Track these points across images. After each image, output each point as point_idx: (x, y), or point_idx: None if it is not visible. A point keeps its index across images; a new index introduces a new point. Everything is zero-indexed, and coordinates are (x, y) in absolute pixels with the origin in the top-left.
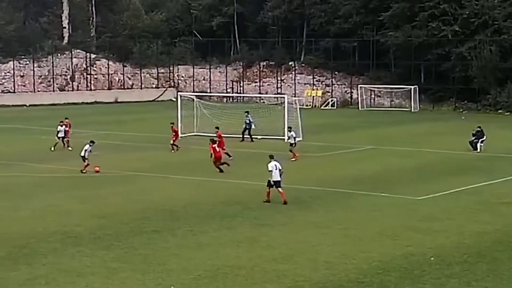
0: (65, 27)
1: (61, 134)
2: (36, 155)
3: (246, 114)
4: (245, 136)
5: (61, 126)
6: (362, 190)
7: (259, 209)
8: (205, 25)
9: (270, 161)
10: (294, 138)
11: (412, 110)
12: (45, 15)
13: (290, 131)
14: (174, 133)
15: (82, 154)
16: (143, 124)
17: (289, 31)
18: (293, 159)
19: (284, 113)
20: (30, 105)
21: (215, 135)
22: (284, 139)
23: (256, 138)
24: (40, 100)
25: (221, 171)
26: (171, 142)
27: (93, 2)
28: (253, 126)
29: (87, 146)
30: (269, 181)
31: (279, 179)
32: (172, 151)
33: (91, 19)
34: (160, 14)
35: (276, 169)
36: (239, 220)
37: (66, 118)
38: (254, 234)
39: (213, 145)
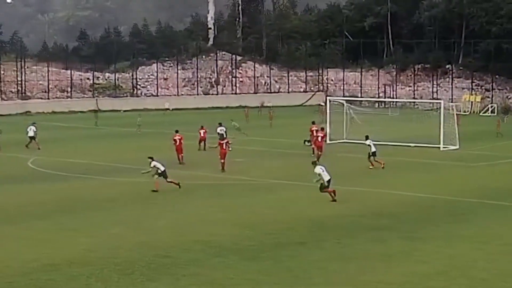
0: (210, 28)
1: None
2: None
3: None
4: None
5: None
6: None
7: (411, 221)
8: (357, 26)
9: (315, 167)
10: (374, 146)
11: None
12: (190, 16)
13: (367, 139)
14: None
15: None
16: (290, 129)
17: (447, 32)
18: (371, 167)
19: (440, 119)
20: (173, 109)
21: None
22: (439, 147)
23: (409, 146)
24: (183, 103)
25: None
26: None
27: (240, 2)
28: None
29: (157, 164)
30: (321, 184)
31: (330, 177)
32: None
33: (237, 19)
34: (309, 13)
35: (324, 171)
36: (389, 233)
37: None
38: (406, 248)
39: (221, 142)
